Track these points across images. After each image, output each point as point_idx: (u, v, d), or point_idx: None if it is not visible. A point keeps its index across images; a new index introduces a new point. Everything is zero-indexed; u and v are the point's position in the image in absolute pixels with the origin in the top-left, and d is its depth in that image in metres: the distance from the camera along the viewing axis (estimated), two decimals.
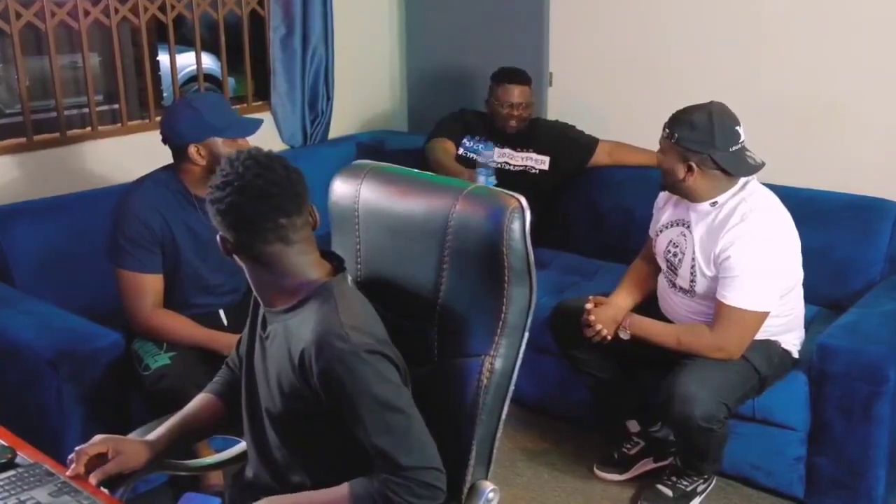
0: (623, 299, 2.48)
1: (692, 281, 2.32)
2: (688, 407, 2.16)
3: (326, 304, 1.37)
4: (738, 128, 2.23)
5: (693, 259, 2.30)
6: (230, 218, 1.38)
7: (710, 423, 2.18)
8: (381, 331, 1.40)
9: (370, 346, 1.34)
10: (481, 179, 3.12)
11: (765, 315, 2.23)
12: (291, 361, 1.38)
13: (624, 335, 2.35)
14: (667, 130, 2.26)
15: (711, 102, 2.27)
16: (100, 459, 1.45)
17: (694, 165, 2.22)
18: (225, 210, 1.37)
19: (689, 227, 2.33)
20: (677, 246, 2.37)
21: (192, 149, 2.25)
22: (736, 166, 2.23)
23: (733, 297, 2.20)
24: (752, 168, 2.24)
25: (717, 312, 2.24)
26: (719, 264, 2.22)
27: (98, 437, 1.49)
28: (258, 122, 2.33)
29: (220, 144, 2.24)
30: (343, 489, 1.36)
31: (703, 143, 2.21)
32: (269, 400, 1.46)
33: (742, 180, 2.27)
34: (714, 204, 2.27)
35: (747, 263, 2.18)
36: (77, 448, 1.45)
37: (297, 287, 1.41)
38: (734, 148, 2.22)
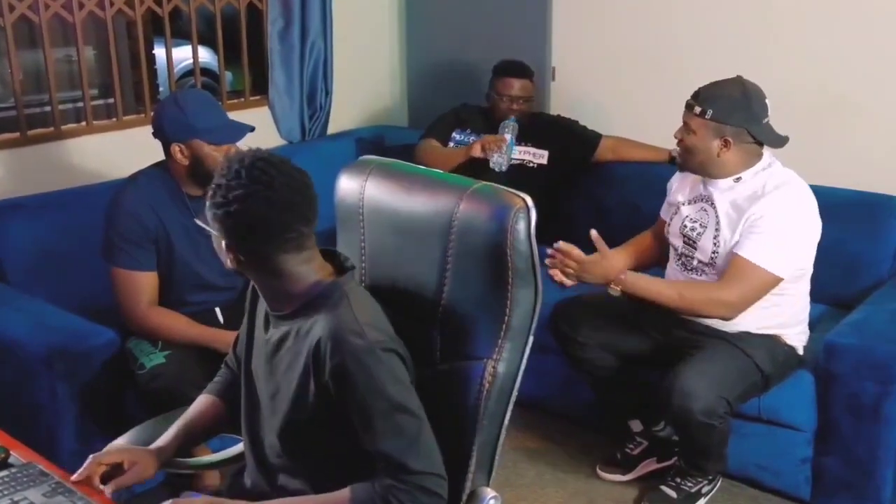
0: (618, 257, 2.43)
1: (714, 253, 2.29)
2: (687, 401, 2.15)
3: (339, 302, 1.35)
4: (766, 100, 2.24)
5: (717, 231, 2.27)
6: (255, 230, 1.32)
7: (709, 417, 2.16)
8: (392, 329, 1.39)
9: (386, 344, 1.33)
10: (508, 137, 3.09)
11: (776, 280, 2.19)
12: (305, 361, 1.35)
13: (613, 292, 2.25)
14: (697, 108, 2.22)
15: (739, 76, 2.26)
16: (113, 469, 1.43)
17: (730, 139, 2.21)
18: (253, 223, 1.32)
19: (711, 202, 2.31)
20: (696, 221, 2.35)
21: (174, 147, 2.23)
22: (770, 138, 2.24)
23: (751, 251, 2.17)
24: (783, 140, 2.25)
25: (729, 266, 2.20)
26: (748, 226, 2.19)
27: (114, 447, 1.47)
28: (245, 129, 2.27)
29: (205, 147, 2.21)
30: (344, 493, 1.33)
31: (741, 116, 2.20)
32: (275, 405, 1.42)
33: (767, 160, 2.27)
34: (738, 179, 2.26)
35: (775, 224, 2.17)
36: (92, 456, 1.43)
37: (305, 290, 1.39)
38: (766, 120, 2.23)
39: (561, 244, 2.27)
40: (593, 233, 2.26)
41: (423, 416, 1.34)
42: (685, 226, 2.38)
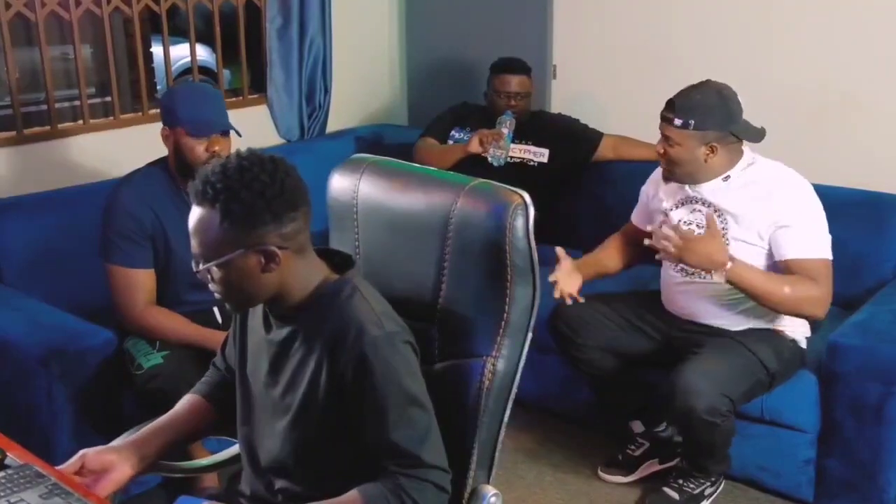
0: (599, 265, 2.50)
1: None
2: (690, 399, 2.13)
3: (352, 295, 1.35)
4: (737, 96, 2.25)
5: (723, 230, 2.25)
6: (281, 232, 1.31)
7: (712, 416, 2.15)
8: (402, 321, 1.39)
9: (403, 336, 1.34)
10: (505, 131, 3.09)
11: (831, 263, 2.22)
12: (318, 356, 1.34)
13: (718, 277, 2.13)
14: (677, 120, 2.22)
15: (708, 80, 2.26)
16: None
17: (716, 144, 2.22)
18: (280, 222, 1.30)
19: (704, 202, 2.30)
20: (691, 223, 2.33)
21: (162, 130, 2.28)
22: (752, 134, 2.25)
23: (819, 249, 2.18)
24: (761, 133, 2.26)
25: (806, 272, 2.17)
26: (783, 227, 2.19)
27: (80, 455, 1.43)
28: (220, 124, 2.25)
29: (183, 136, 2.23)
30: (353, 495, 1.31)
31: (722, 120, 2.21)
32: (282, 405, 1.40)
33: (750, 156, 2.27)
34: (727, 178, 2.27)
35: (813, 216, 2.19)
36: (65, 465, 1.41)
37: (312, 288, 1.38)
38: (743, 116, 2.23)
39: (661, 228, 2.19)
40: (706, 212, 2.23)
41: (432, 411, 1.34)
42: (681, 229, 2.36)
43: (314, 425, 1.37)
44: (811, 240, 2.19)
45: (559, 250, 2.38)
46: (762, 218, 2.21)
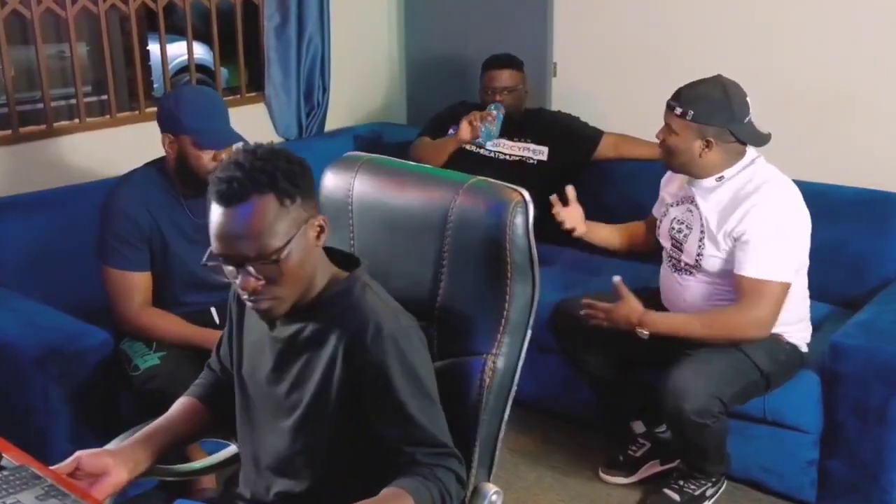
0: (602, 233, 2.57)
1: (699, 255, 2.28)
2: (679, 401, 2.13)
3: (364, 292, 1.36)
4: (747, 99, 2.23)
5: (701, 233, 2.26)
6: (314, 204, 1.34)
7: (702, 417, 2.14)
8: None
9: (418, 332, 1.35)
10: (495, 112, 3.05)
11: (787, 286, 2.18)
12: (332, 352, 1.33)
13: (642, 335, 2.24)
14: (678, 109, 2.22)
15: (719, 75, 2.25)
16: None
17: (712, 140, 2.21)
18: (312, 196, 1.33)
19: (694, 202, 2.30)
20: (683, 222, 2.34)
21: (163, 138, 2.24)
22: (753, 137, 2.23)
23: (753, 268, 2.16)
24: (765, 138, 2.24)
25: (740, 289, 2.19)
26: (736, 238, 2.19)
27: (75, 456, 1.41)
28: (234, 139, 2.24)
29: (189, 146, 2.21)
30: (395, 491, 1.28)
31: (722, 116, 2.20)
32: (288, 403, 1.39)
33: (750, 157, 2.26)
34: (720, 178, 2.26)
35: (763, 232, 2.16)
36: (62, 464, 1.39)
37: (323, 285, 1.38)
38: (748, 119, 2.22)
39: (585, 300, 2.30)
40: (616, 279, 2.27)
41: (440, 406, 1.36)
42: (672, 227, 2.37)
43: (325, 423, 1.36)
44: (762, 260, 2.15)
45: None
46: (724, 226, 2.21)
